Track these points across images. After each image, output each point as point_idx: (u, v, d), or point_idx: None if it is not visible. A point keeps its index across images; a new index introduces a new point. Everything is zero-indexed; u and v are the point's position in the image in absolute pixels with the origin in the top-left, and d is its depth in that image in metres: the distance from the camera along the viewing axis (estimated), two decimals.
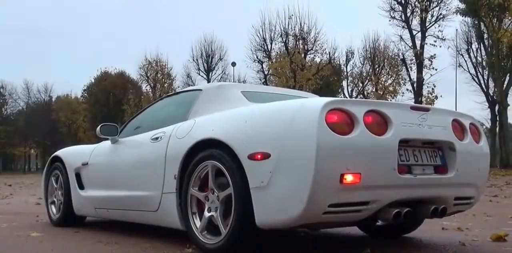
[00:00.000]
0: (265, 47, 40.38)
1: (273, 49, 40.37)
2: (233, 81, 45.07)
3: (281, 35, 39.62)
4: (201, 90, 3.65)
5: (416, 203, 2.77)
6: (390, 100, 43.13)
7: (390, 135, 2.61)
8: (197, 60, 47.79)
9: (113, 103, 54.10)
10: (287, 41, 39.55)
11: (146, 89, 50.26)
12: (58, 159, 4.69)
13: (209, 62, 47.97)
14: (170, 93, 4.14)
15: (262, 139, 2.60)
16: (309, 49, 39.61)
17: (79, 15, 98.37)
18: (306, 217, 2.44)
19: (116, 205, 3.86)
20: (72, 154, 4.60)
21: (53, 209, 4.76)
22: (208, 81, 47.60)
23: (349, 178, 2.42)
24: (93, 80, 57.68)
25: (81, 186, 4.36)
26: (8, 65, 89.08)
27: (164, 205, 3.22)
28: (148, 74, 48.54)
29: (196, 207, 3.02)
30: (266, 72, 40.67)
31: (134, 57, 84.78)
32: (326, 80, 39.54)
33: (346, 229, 4.16)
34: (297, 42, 39.67)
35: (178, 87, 50.00)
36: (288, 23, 39.68)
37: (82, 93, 59.69)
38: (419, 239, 3.65)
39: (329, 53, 39.51)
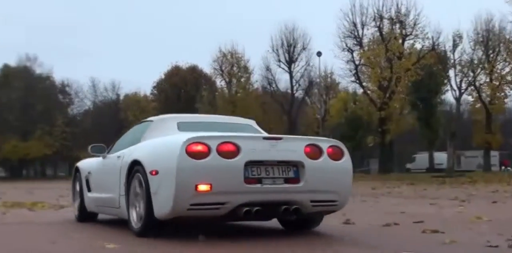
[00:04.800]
0: (356, 33, 39.75)
1: (365, 35, 39.74)
2: (318, 73, 44.85)
3: (374, 19, 38.86)
4: (152, 121, 5.66)
5: (269, 204, 4.28)
6: (509, 92, 40.90)
7: (239, 158, 4.19)
8: (277, 50, 47.93)
9: (185, 100, 55.51)
10: (381, 25, 38.71)
11: (221, 85, 51.11)
12: (77, 168, 6.69)
13: (290, 52, 47.93)
14: (139, 122, 6.15)
15: (155, 161, 4.46)
16: (408, 34, 38.54)
17: (146, 7, 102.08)
18: (176, 212, 4.18)
19: (102, 203, 5.79)
20: (84, 164, 6.60)
21: (76, 208, 6.65)
22: (290, 73, 47.65)
23: (202, 187, 4.09)
24: (163, 76, 59.46)
25: (89, 189, 6.24)
26: (74, 62, 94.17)
27: (121, 203, 5.09)
28: (223, 68, 49.28)
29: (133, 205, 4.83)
30: (357, 62, 39.99)
31: (208, 50, 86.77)
32: (428, 69, 38.18)
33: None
34: (394, 26, 38.69)
35: (256, 81, 50.48)
36: (383, 4, 38.85)
37: (152, 90, 61.71)
38: None
39: (432, 38, 38.26)
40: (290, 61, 47.97)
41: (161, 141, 4.78)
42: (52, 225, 6.19)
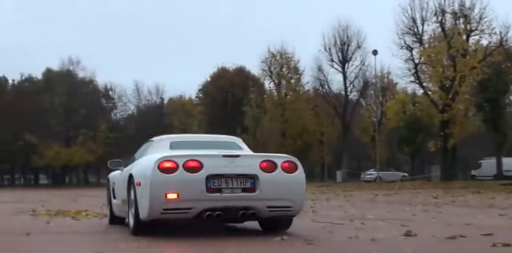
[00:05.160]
0: (415, 30, 39.12)
1: (426, 31, 39.04)
2: (374, 73, 44.41)
3: (435, 14, 38.17)
4: (153, 140, 7.19)
5: (228, 209, 5.53)
6: None
7: (201, 173, 5.52)
8: (329, 49, 47.77)
9: (232, 103, 55.86)
10: (443, 20, 38.00)
11: (270, 87, 51.24)
12: (108, 179, 8.43)
13: (344, 51, 47.67)
14: (147, 140, 7.60)
15: (139, 175, 5.85)
16: (473, 29, 37.68)
17: (190, 8, 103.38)
18: (152, 215, 5.56)
19: (120, 208, 7.13)
20: (112, 176, 8.24)
21: (108, 212, 8.31)
22: (344, 74, 47.36)
23: (170, 196, 5.45)
24: (208, 78, 60.01)
25: (114, 197, 7.80)
26: (117, 65, 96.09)
27: (125, 208, 6.47)
28: (272, 69, 49.41)
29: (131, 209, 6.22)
30: (416, 61, 39.33)
31: (255, 50, 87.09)
32: (496, 67, 37.17)
33: None
34: (457, 21, 37.91)
35: (307, 82, 50.39)
36: None
37: (197, 93, 62.40)
38: None
39: (500, 33, 37.23)
40: (344, 61, 47.68)
41: (146, 159, 6.15)
42: (97, 234, 6.43)
